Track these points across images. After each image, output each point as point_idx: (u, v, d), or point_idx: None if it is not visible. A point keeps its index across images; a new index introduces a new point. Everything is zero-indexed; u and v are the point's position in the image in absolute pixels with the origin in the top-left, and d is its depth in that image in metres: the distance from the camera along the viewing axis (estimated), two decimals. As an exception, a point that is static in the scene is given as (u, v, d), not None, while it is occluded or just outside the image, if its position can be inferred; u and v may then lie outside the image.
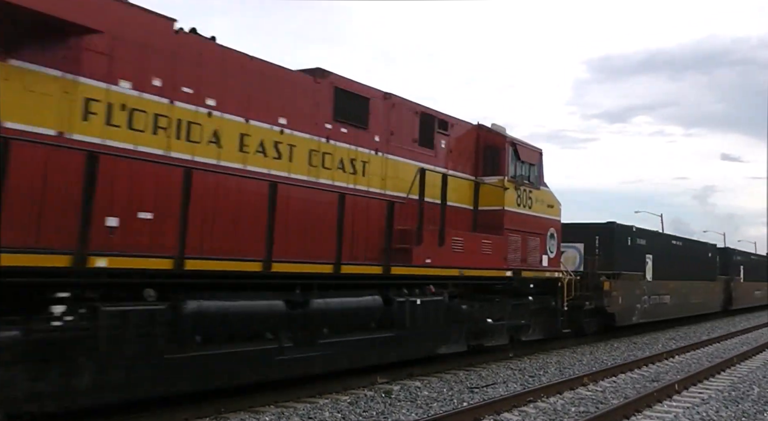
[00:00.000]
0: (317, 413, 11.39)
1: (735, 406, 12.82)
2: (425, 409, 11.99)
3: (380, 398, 12.76)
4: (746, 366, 18.70)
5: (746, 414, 12.13)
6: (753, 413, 12.27)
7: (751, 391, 14.51)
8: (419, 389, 13.86)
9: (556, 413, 11.89)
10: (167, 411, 10.47)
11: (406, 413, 11.64)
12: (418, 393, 13.39)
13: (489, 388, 14.24)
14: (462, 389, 14.05)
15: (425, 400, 12.79)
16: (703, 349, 23.13)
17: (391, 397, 12.91)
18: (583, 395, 13.73)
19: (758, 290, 48.66)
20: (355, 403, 12.29)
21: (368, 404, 12.21)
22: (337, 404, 12.12)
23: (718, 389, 14.78)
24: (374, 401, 12.55)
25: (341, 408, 11.83)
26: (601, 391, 14.21)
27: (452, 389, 14.01)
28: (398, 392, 13.42)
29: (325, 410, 11.67)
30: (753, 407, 12.80)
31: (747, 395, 13.96)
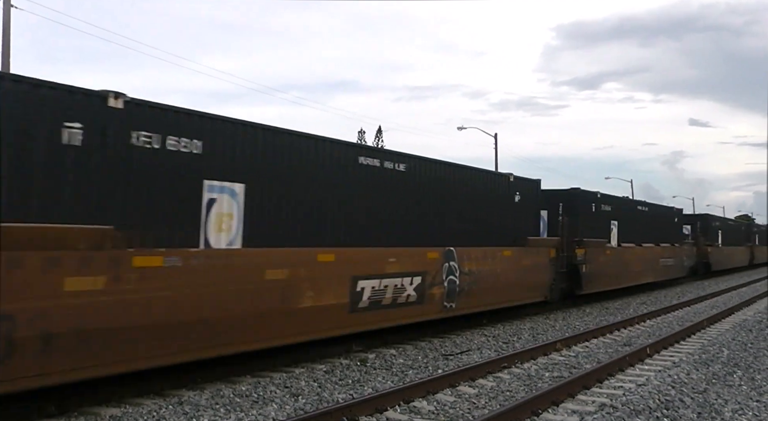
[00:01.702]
0: (293, 382, 11.43)
1: (705, 368, 13.03)
2: (400, 376, 12.07)
3: (356, 367, 12.82)
4: (716, 329, 18.99)
5: (716, 376, 12.32)
6: (723, 375, 12.48)
7: (721, 353, 14.74)
8: (394, 356, 13.94)
9: (530, 379, 12.02)
10: (144, 381, 10.48)
11: (382, 380, 11.71)
12: (394, 361, 13.47)
13: (464, 355, 14.35)
14: (437, 356, 14.15)
15: (400, 368, 12.87)
16: (674, 313, 23.45)
17: (367, 365, 12.97)
18: (556, 360, 13.88)
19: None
20: (331, 371, 12.34)
21: (344, 373, 12.27)
22: (313, 373, 12.16)
23: (689, 352, 15.00)
24: (350, 369, 12.61)
25: (317, 377, 11.87)
26: (574, 356, 14.37)
27: (427, 356, 14.10)
28: (373, 360, 13.49)
29: (301, 378, 11.71)
30: (723, 369, 13.01)
31: (717, 358, 14.18)
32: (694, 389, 11.15)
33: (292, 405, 9.97)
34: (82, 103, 9.36)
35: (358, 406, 9.39)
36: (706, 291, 32.88)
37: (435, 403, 10.15)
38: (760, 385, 11.72)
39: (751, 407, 10.13)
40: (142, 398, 10.24)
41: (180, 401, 10.08)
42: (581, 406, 10.12)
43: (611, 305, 25.73)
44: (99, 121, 9.52)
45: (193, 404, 9.98)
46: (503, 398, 10.62)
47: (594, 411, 9.70)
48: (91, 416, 9.29)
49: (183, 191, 10.67)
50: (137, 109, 10.07)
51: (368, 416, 9.28)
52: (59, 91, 9.16)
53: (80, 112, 9.30)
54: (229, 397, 10.44)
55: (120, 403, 9.94)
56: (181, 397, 10.34)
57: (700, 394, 10.84)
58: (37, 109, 8.89)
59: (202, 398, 10.31)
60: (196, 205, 10.87)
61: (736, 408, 10.06)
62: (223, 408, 9.80)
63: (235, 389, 10.87)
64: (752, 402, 10.46)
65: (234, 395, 10.57)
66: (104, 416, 9.28)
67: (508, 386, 11.48)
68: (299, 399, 10.35)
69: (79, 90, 9.44)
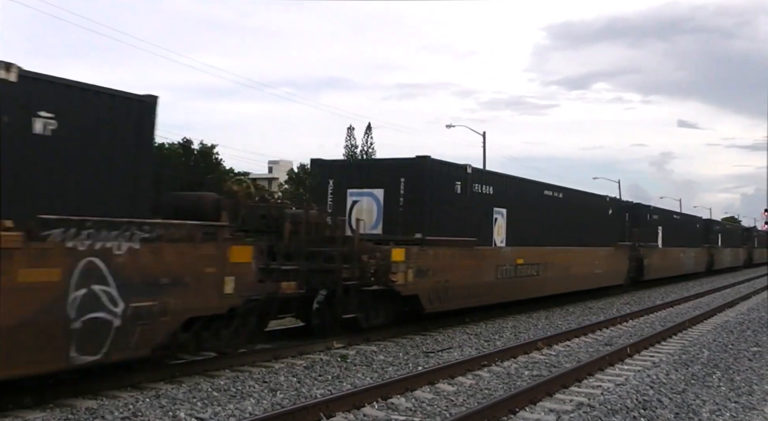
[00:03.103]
0: (272, 377, 11.39)
1: (685, 369, 13.06)
2: (380, 373, 12.05)
3: (336, 363, 12.78)
4: (697, 330, 19.05)
5: (695, 377, 12.35)
6: (702, 376, 12.51)
7: (701, 354, 14.79)
8: (375, 353, 13.92)
9: (509, 377, 12.02)
10: (123, 374, 10.43)
11: (361, 377, 11.69)
12: (374, 357, 13.45)
13: (444, 352, 14.34)
14: (417, 353, 14.13)
15: (381, 364, 12.85)
16: (657, 313, 23.52)
17: (347, 361, 12.94)
18: (537, 359, 13.89)
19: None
20: (310, 367, 12.31)
21: (324, 368, 12.24)
22: (292, 369, 12.13)
23: (669, 352, 15.04)
24: (330, 365, 12.58)
25: (296, 372, 11.84)
26: (555, 355, 14.38)
27: (408, 353, 14.08)
28: (354, 356, 13.46)
29: (280, 374, 11.67)
30: (702, 370, 13.05)
31: (697, 359, 14.22)
32: (673, 390, 11.17)
33: (269, 400, 9.94)
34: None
35: (335, 402, 9.36)
36: (690, 292, 32.98)
37: (413, 400, 10.13)
38: (738, 386, 11.75)
39: (729, 408, 10.16)
40: (118, 390, 10.18)
41: (157, 395, 10.02)
42: (559, 405, 10.12)
43: (595, 305, 25.77)
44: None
45: (170, 397, 9.92)
46: (481, 396, 10.61)
47: (571, 410, 9.71)
48: (67, 408, 9.23)
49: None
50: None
51: (345, 412, 9.25)
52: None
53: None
54: (207, 391, 10.39)
55: (96, 396, 9.88)
56: (158, 390, 10.29)
57: (679, 394, 10.86)
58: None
59: (179, 391, 10.26)
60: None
61: (714, 409, 10.08)
62: (200, 402, 9.75)
63: (214, 383, 10.83)
64: (730, 403, 10.49)
65: (212, 389, 10.53)
66: (80, 409, 9.22)
67: (487, 384, 11.47)
68: (277, 394, 10.32)
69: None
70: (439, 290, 17.01)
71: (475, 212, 19.19)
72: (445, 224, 17.67)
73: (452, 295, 17.53)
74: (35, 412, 9.04)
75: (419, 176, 17.09)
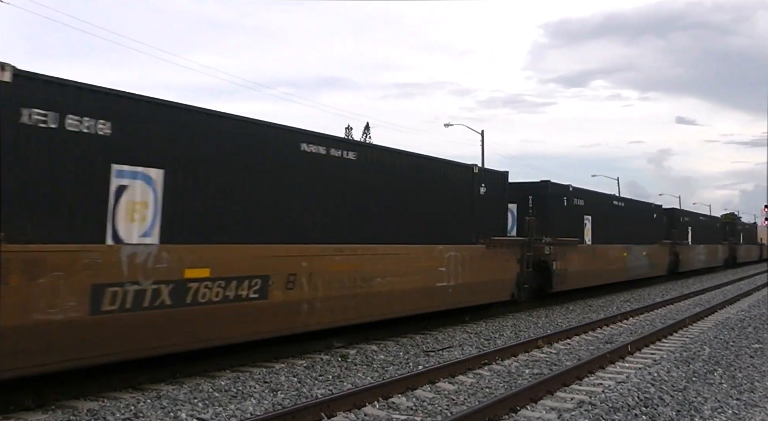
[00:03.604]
0: (273, 377, 11.39)
1: (686, 366, 13.05)
2: (381, 372, 12.05)
3: (336, 362, 12.78)
4: (698, 327, 19.04)
5: (696, 374, 12.34)
6: (703, 373, 12.50)
7: (702, 351, 14.77)
8: (375, 352, 13.91)
9: (510, 375, 12.01)
10: (123, 374, 10.42)
11: (362, 376, 11.69)
12: (375, 357, 13.45)
13: (445, 351, 14.34)
14: (418, 352, 14.13)
15: (381, 363, 12.84)
16: (657, 311, 23.51)
17: (347, 361, 12.94)
18: (537, 357, 13.89)
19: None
20: (311, 367, 12.30)
21: (324, 368, 12.24)
22: (293, 368, 12.13)
23: (670, 349, 15.03)
24: (330, 365, 12.57)
25: (297, 372, 11.83)
26: (555, 353, 14.38)
27: (408, 352, 14.08)
28: (354, 356, 13.46)
29: (281, 374, 11.67)
30: (703, 367, 13.04)
31: (698, 356, 14.21)
32: (674, 387, 11.15)
33: (270, 400, 9.94)
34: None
35: (336, 401, 9.35)
36: (690, 289, 32.97)
37: (414, 399, 10.12)
38: (740, 383, 11.75)
39: (730, 405, 10.15)
40: (119, 392, 10.19)
41: (158, 396, 10.02)
42: (560, 403, 10.11)
43: (595, 303, 25.78)
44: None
45: (171, 398, 9.92)
46: (482, 394, 10.61)
47: (572, 408, 9.69)
48: (69, 410, 9.23)
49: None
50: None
51: (346, 412, 9.24)
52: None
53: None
54: (207, 391, 10.39)
55: (98, 397, 9.88)
56: (159, 391, 10.29)
57: (680, 392, 10.85)
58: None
59: (180, 392, 10.26)
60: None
61: (715, 406, 10.08)
62: (201, 403, 9.75)
63: (215, 384, 10.83)
64: (732, 400, 10.48)
65: (213, 389, 10.53)
66: (82, 410, 9.21)
67: (488, 382, 11.46)
68: (278, 394, 10.32)
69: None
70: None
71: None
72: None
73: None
74: (37, 413, 9.05)
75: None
